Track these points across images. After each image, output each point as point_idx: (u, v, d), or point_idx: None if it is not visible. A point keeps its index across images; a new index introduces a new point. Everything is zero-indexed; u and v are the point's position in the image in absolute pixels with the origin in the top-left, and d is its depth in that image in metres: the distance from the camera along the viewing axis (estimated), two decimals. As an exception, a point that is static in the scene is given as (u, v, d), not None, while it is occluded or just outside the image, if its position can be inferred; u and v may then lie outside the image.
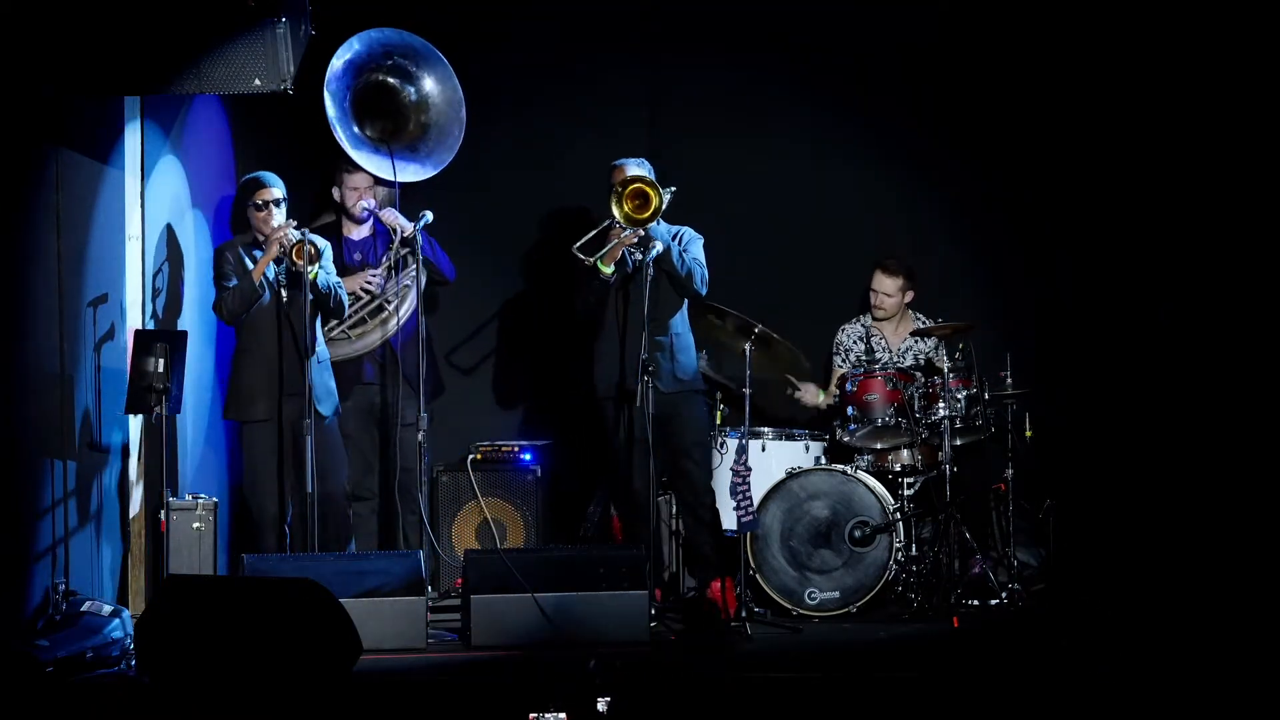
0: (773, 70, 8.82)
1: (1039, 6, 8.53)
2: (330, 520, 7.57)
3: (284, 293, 7.49)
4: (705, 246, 7.83)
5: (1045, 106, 8.59)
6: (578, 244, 7.58)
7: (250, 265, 7.45)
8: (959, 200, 8.81)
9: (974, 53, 8.64)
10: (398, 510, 7.98)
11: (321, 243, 7.57)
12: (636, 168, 7.78)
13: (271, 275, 7.49)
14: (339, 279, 7.64)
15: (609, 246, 7.61)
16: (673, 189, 7.58)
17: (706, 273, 7.74)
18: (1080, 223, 8.58)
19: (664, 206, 7.47)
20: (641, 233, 7.49)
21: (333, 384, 7.68)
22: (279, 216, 7.48)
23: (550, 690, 5.54)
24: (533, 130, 8.79)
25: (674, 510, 8.09)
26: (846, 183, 8.86)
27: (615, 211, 7.46)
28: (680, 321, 7.84)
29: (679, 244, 7.71)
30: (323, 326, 7.72)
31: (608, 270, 7.61)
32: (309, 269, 7.34)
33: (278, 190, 7.55)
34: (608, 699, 5.41)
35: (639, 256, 7.57)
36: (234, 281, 7.47)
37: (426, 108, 8.10)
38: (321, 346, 7.65)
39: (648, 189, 7.46)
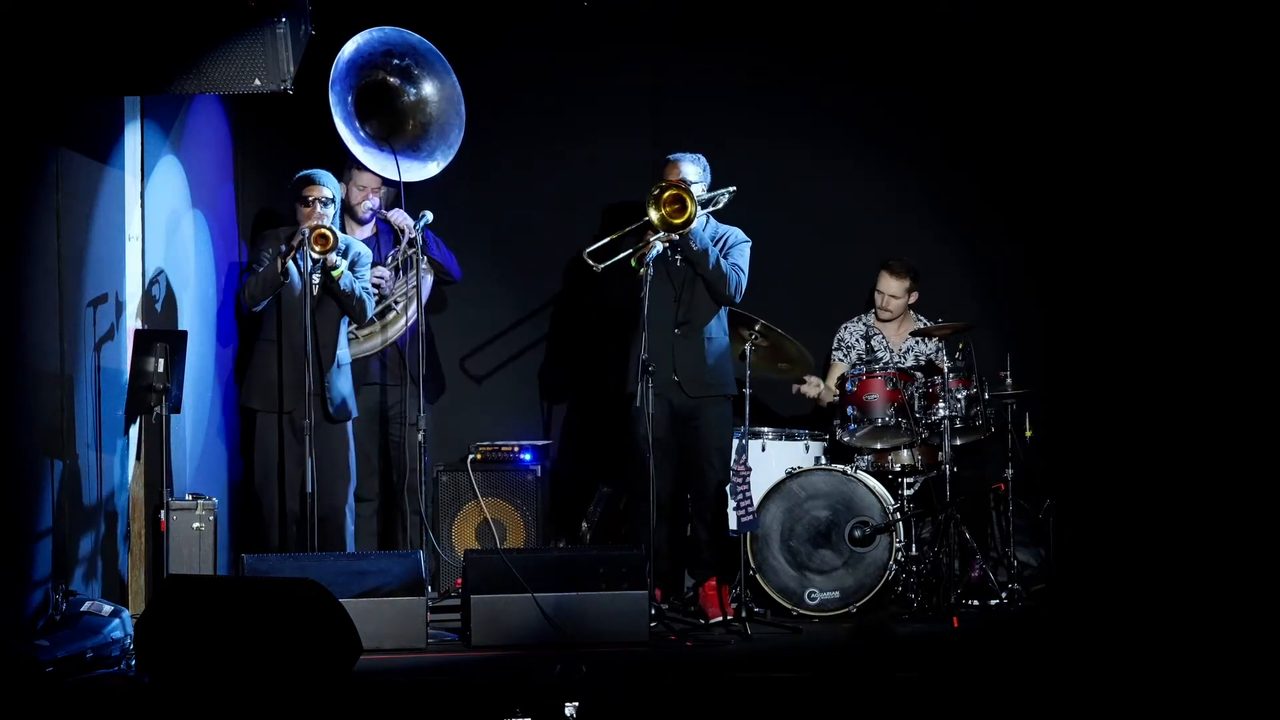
0: (775, 69, 8.82)
1: (1040, 6, 8.53)
2: (328, 533, 7.58)
3: (315, 291, 7.53)
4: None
5: (1046, 106, 8.59)
6: (589, 249, 7.56)
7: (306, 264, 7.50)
8: (960, 200, 8.82)
9: (974, 52, 8.64)
10: (399, 510, 7.98)
11: (359, 248, 7.69)
12: (691, 164, 7.76)
13: (317, 278, 7.54)
14: (368, 286, 7.67)
15: (641, 245, 7.55)
16: (732, 188, 7.60)
17: (743, 280, 7.70)
18: (1080, 223, 8.58)
19: (697, 215, 7.45)
20: (675, 237, 7.47)
21: (348, 390, 7.70)
22: (326, 216, 7.53)
23: (516, 696, 5.53)
24: (535, 130, 8.79)
25: (688, 510, 8.07)
26: (848, 182, 8.86)
27: (652, 214, 7.43)
28: (716, 327, 7.77)
29: (721, 247, 7.68)
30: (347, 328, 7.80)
31: (642, 270, 7.53)
32: (326, 258, 7.42)
33: (328, 190, 7.62)
34: (575, 704, 5.38)
35: (667, 250, 7.52)
36: (263, 268, 7.54)
37: (426, 106, 8.12)
38: (344, 352, 7.69)
39: (685, 196, 7.44)
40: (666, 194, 7.46)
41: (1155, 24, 8.36)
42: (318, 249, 7.38)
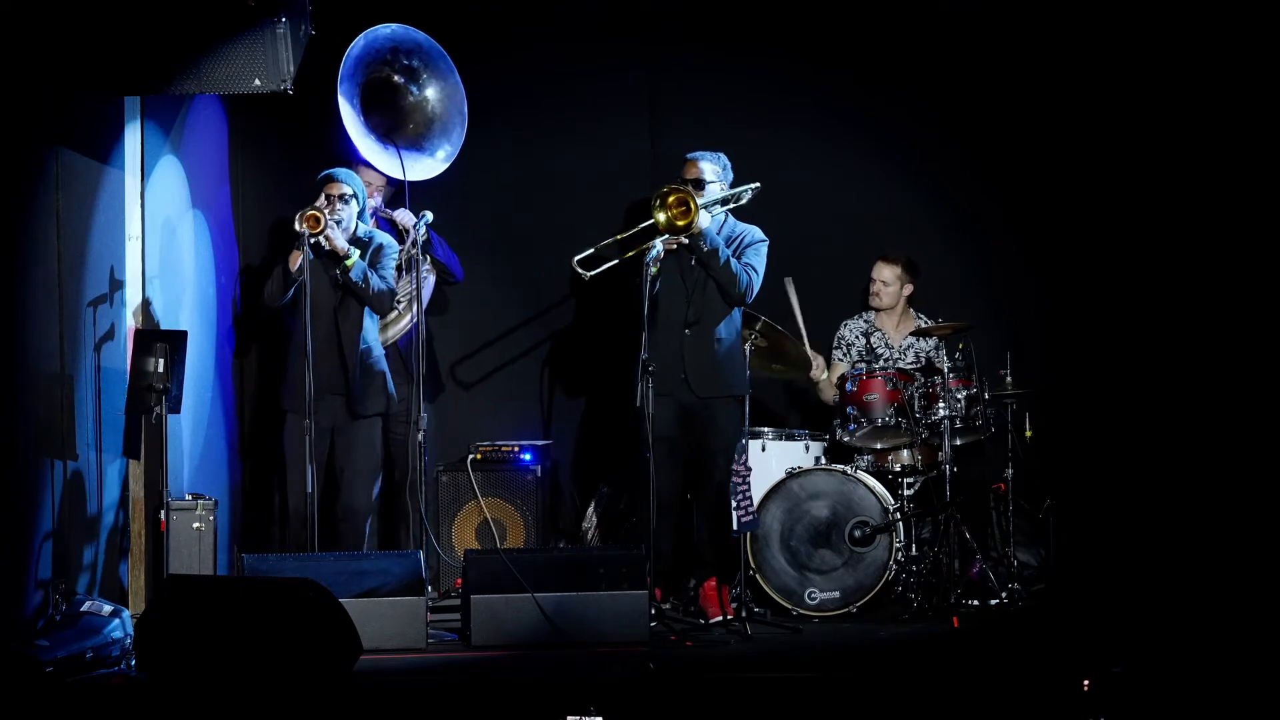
0: (775, 68, 8.82)
1: (1040, 6, 8.54)
2: (346, 534, 7.58)
3: (337, 291, 7.53)
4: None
5: (1047, 105, 8.59)
6: (577, 257, 7.54)
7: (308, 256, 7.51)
8: (960, 200, 8.81)
9: (975, 51, 8.64)
10: (399, 510, 7.98)
11: (382, 239, 7.71)
12: (710, 163, 7.73)
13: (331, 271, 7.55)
14: (385, 277, 7.66)
15: (639, 248, 7.51)
16: (756, 185, 7.58)
17: (756, 281, 7.64)
18: (1080, 222, 8.58)
19: (697, 222, 7.40)
20: (684, 239, 7.44)
21: (382, 382, 7.71)
22: (345, 213, 7.54)
23: (588, 692, 5.55)
24: (535, 130, 8.79)
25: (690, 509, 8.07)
26: (847, 181, 8.86)
27: (658, 216, 7.39)
28: (726, 327, 7.71)
29: (736, 246, 7.65)
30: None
31: (655, 270, 7.46)
32: (328, 242, 7.45)
33: (347, 187, 7.63)
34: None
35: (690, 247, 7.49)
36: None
37: (428, 105, 8.12)
38: (374, 344, 7.68)
39: (690, 200, 7.41)
40: (671, 197, 7.42)
41: (1156, 22, 8.36)
42: (308, 228, 7.38)
